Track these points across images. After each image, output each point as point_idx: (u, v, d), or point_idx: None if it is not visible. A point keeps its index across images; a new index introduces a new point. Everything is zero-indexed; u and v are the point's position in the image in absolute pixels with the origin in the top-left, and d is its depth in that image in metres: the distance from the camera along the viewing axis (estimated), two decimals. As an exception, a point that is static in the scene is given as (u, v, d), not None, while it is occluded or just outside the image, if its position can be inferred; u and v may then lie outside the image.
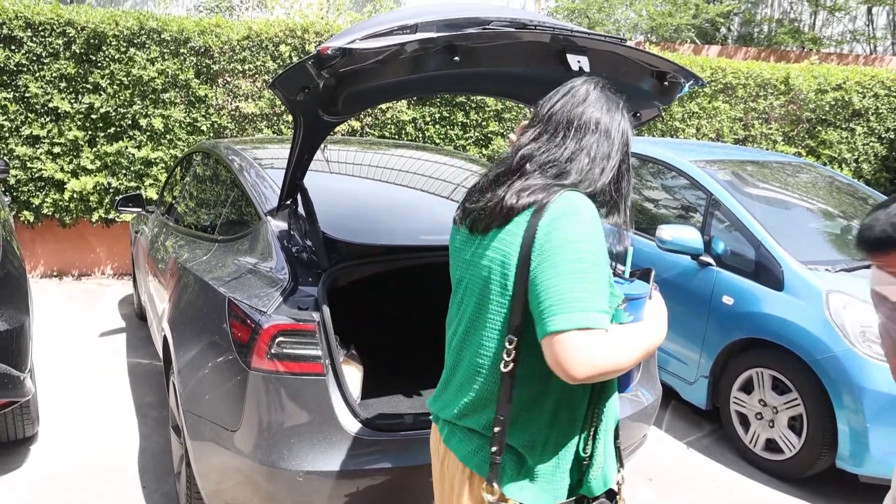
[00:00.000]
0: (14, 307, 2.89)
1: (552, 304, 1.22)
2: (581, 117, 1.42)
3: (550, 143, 1.42)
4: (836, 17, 13.36)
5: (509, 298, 1.33)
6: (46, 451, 3.30)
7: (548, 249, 1.26)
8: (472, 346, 1.42)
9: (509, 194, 1.36)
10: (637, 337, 1.36)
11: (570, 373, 1.20)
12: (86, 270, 6.64)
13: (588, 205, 1.32)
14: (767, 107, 7.55)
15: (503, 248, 1.34)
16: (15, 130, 5.88)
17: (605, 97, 1.46)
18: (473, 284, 1.42)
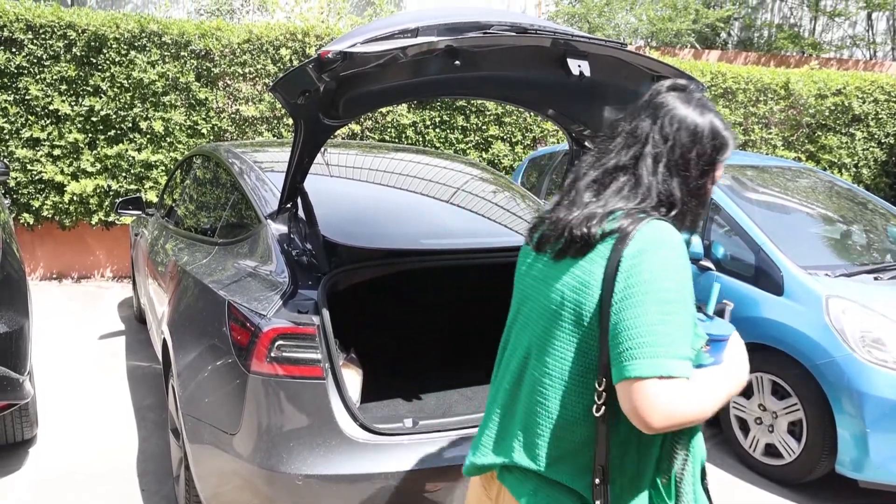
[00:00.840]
0: (13, 310, 2.89)
1: (632, 347, 1.12)
2: (655, 127, 1.28)
3: (619, 158, 1.29)
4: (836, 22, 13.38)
5: (585, 332, 1.22)
6: (45, 453, 3.30)
7: (632, 285, 1.15)
8: (539, 380, 1.28)
9: (576, 220, 1.24)
10: (720, 383, 1.25)
11: (647, 422, 1.11)
12: (85, 273, 6.64)
13: (675, 236, 1.20)
14: (767, 111, 7.56)
15: (582, 277, 1.23)
16: (15, 133, 5.89)
17: (683, 100, 1.30)
18: (542, 309, 1.30)
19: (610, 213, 1.23)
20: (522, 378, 1.33)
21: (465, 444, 2.23)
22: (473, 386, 2.88)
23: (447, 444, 2.21)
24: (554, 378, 1.26)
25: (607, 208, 1.24)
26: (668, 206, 1.25)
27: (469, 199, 3.23)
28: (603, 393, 1.20)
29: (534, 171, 5.84)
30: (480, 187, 3.43)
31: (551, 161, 5.63)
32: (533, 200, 3.46)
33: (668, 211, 1.25)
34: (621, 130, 1.31)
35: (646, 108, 1.31)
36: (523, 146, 7.02)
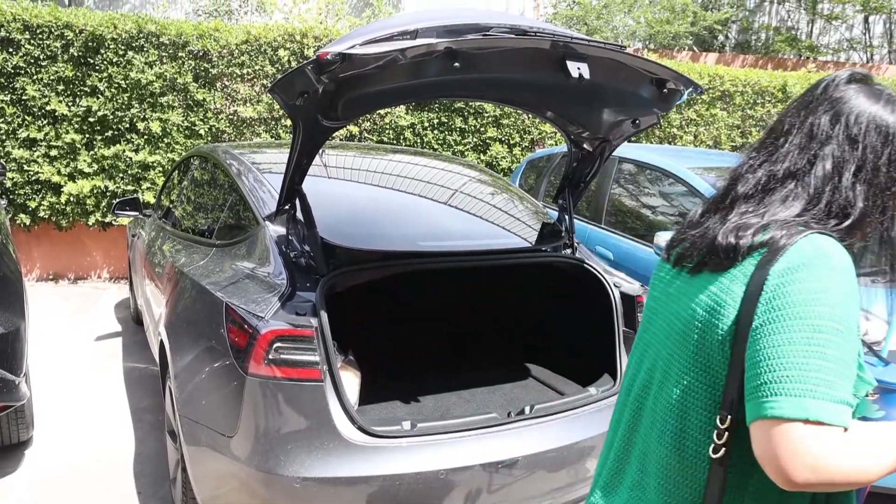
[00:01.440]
0: (9, 311, 2.88)
1: (774, 381, 0.93)
2: (838, 126, 1.08)
3: (793, 162, 1.10)
4: (833, 25, 13.42)
5: (714, 359, 1.05)
6: (41, 455, 3.28)
7: (779, 307, 0.96)
8: (658, 413, 1.12)
9: (725, 229, 1.08)
10: (890, 442, 0.97)
11: (786, 475, 0.90)
12: (82, 274, 6.62)
13: (841, 254, 1.00)
14: (765, 114, 7.58)
15: (718, 295, 1.05)
16: (12, 133, 5.87)
17: (869, 95, 1.10)
18: (669, 330, 1.14)
19: (767, 225, 1.05)
20: (642, 409, 1.18)
21: (463, 447, 2.23)
22: (472, 388, 2.88)
23: (446, 447, 2.21)
24: (674, 411, 1.09)
25: (766, 219, 1.06)
26: (841, 216, 1.05)
27: (467, 201, 3.23)
28: (725, 432, 1.01)
29: (532, 172, 5.84)
30: (479, 189, 3.43)
31: (549, 163, 5.63)
32: (531, 202, 3.45)
33: (840, 223, 1.05)
34: (789, 128, 1.12)
35: (821, 102, 1.11)
36: (521, 148, 7.02)
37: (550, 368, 3.10)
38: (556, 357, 3.17)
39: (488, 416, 2.37)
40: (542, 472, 2.32)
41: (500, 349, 3.32)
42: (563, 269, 2.96)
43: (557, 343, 3.23)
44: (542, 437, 2.35)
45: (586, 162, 2.87)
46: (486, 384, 2.93)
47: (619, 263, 4.31)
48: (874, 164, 1.06)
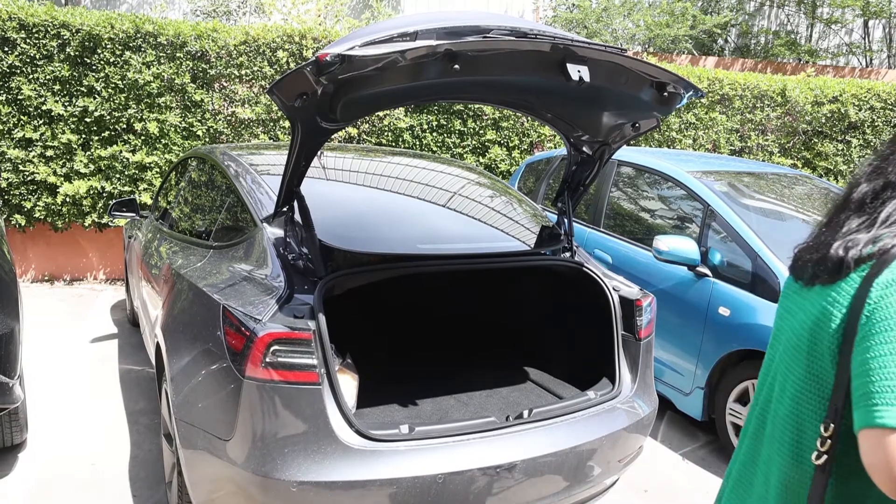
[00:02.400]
0: (3, 312, 2.86)
1: (885, 389, 0.94)
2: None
3: (889, 172, 1.09)
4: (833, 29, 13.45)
5: (823, 370, 1.07)
6: (35, 459, 3.26)
7: (881, 318, 0.98)
8: (776, 426, 1.14)
9: (845, 240, 1.07)
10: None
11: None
12: (78, 275, 6.59)
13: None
14: (764, 118, 7.58)
15: (826, 307, 1.07)
16: (7, 133, 5.84)
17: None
18: (787, 343, 1.16)
19: (876, 239, 1.05)
20: (765, 421, 1.19)
21: (461, 450, 2.21)
22: (470, 391, 2.86)
23: (444, 451, 2.19)
24: (790, 423, 1.10)
25: (874, 232, 1.06)
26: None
27: (466, 204, 3.21)
28: (827, 440, 1.03)
29: (531, 175, 5.83)
30: (478, 192, 3.41)
31: (548, 166, 5.62)
32: (530, 205, 3.44)
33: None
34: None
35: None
36: (520, 151, 7.01)
37: (549, 372, 3.09)
38: (554, 360, 3.16)
39: (487, 419, 2.35)
40: (540, 476, 2.31)
41: (498, 352, 3.31)
42: (562, 273, 2.95)
43: (556, 346, 3.22)
44: (541, 441, 2.34)
45: (586, 165, 2.86)
46: (484, 387, 2.92)
47: (617, 267, 4.30)
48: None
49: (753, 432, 1.22)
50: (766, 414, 1.19)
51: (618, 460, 2.58)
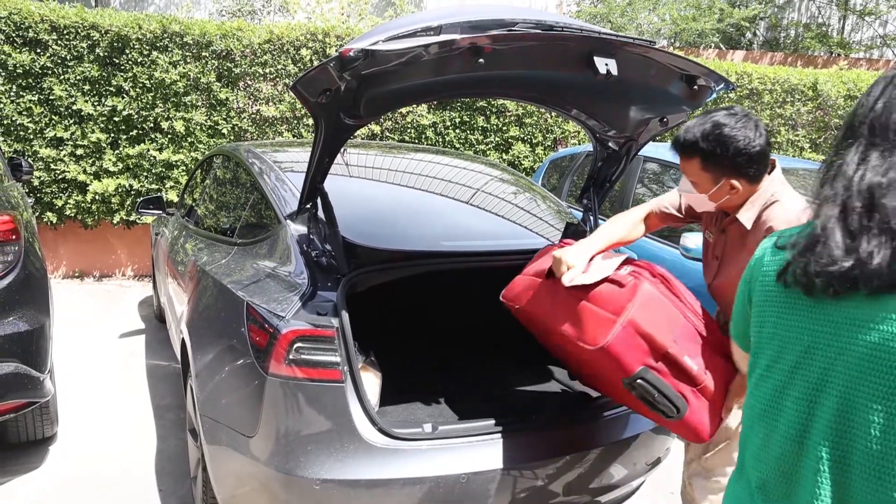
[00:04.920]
0: (35, 308, 2.90)
1: None
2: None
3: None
4: (867, 21, 13.13)
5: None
6: (65, 451, 3.31)
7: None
8: (869, 458, 0.97)
9: (880, 251, 0.95)
10: None
11: None
12: (107, 271, 6.69)
13: None
14: (794, 113, 7.43)
15: (887, 329, 0.95)
16: (39, 132, 5.95)
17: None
18: (848, 363, 0.99)
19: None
20: (848, 458, 1.00)
21: (485, 450, 2.19)
22: (493, 390, 2.83)
23: (467, 451, 2.17)
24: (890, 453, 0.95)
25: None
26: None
27: (490, 201, 3.19)
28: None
29: (555, 172, 5.78)
30: (501, 188, 3.38)
31: (572, 163, 5.57)
32: (555, 202, 3.40)
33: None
34: (860, 122, 1.04)
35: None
36: (544, 147, 6.96)
37: (574, 371, 3.05)
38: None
39: (510, 419, 2.33)
40: (565, 478, 2.28)
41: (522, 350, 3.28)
42: None
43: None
44: (566, 442, 2.31)
45: (612, 161, 2.81)
46: (507, 386, 2.89)
47: (643, 264, 4.24)
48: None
49: (827, 468, 1.02)
50: (847, 449, 1.00)
51: (645, 462, 2.54)
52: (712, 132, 1.87)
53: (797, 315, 1.07)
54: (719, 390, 1.92)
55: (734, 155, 1.87)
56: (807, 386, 1.04)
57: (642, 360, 1.88)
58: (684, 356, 1.88)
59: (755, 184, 1.96)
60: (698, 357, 1.90)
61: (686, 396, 1.90)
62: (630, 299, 1.89)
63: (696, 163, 1.93)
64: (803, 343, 1.05)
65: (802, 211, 1.10)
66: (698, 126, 1.92)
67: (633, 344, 1.87)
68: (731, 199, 1.98)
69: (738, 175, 1.92)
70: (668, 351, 1.88)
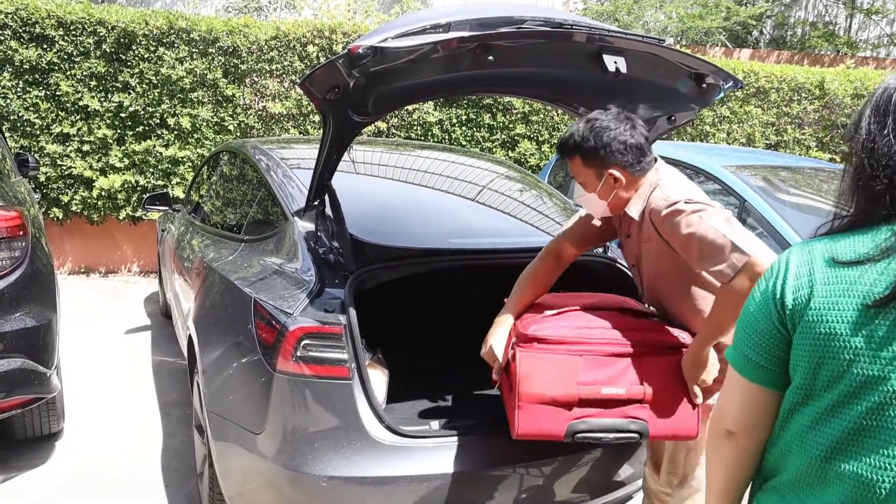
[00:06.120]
0: (42, 304, 2.90)
1: None
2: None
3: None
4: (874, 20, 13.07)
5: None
6: (71, 447, 3.32)
7: None
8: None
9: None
10: None
11: None
12: (113, 267, 6.71)
13: None
14: (801, 111, 7.40)
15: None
16: (45, 128, 5.96)
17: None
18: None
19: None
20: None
21: (492, 448, 2.19)
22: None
23: (474, 448, 2.17)
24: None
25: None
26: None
27: (497, 199, 3.18)
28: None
29: (561, 170, 5.76)
30: (508, 186, 3.38)
31: (579, 160, 5.55)
32: (561, 199, 3.40)
33: None
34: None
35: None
36: (550, 145, 6.95)
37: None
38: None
39: None
40: (572, 476, 2.27)
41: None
42: (594, 268, 2.90)
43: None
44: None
45: (619, 159, 2.80)
46: None
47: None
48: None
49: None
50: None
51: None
52: (586, 127, 1.96)
53: (886, 344, 0.96)
54: (671, 384, 1.90)
55: (608, 143, 1.93)
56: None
57: (564, 420, 1.87)
58: (601, 389, 1.87)
59: (638, 175, 1.97)
60: (621, 377, 1.88)
61: (638, 416, 1.89)
62: (515, 379, 1.90)
63: (578, 161, 1.99)
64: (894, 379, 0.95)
65: (685, 189, 1.13)
66: (575, 126, 2.00)
67: (543, 415, 1.87)
68: (619, 196, 1.99)
69: (618, 165, 1.95)
70: (580, 398, 1.86)
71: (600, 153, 1.94)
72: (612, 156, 1.94)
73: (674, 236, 1.85)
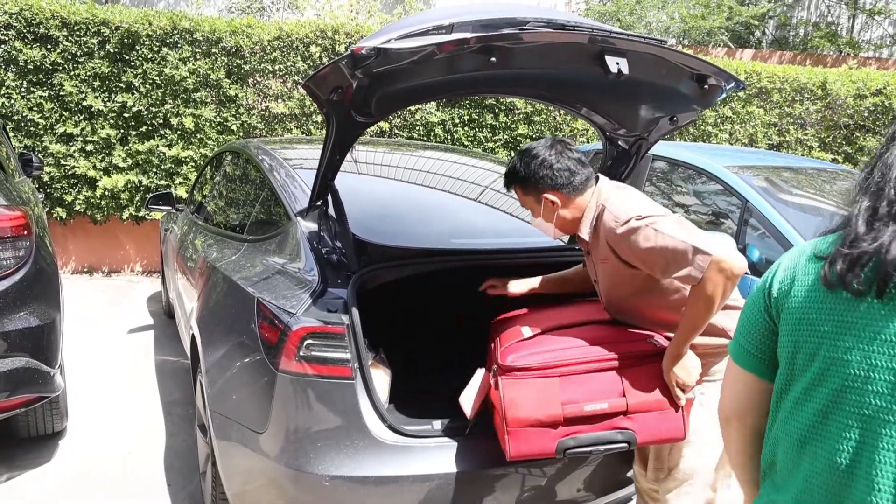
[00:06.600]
0: (45, 303, 2.91)
1: None
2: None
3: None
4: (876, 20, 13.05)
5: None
6: (74, 447, 3.33)
7: None
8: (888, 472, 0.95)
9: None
10: None
11: None
12: (116, 267, 6.72)
13: None
14: (803, 112, 7.39)
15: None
16: (49, 128, 5.98)
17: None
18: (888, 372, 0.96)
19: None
20: (855, 472, 0.99)
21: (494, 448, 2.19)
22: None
23: (477, 448, 2.18)
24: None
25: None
26: None
27: (499, 199, 3.19)
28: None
29: (563, 170, 5.77)
30: (510, 186, 3.38)
31: (581, 160, 5.55)
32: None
33: None
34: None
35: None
36: (552, 145, 6.95)
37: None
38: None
39: None
40: (576, 473, 2.28)
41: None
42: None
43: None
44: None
45: (621, 160, 2.81)
46: None
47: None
48: None
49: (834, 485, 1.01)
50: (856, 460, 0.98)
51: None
52: (519, 159, 2.11)
53: (848, 329, 1.00)
54: (653, 390, 1.95)
55: (537, 170, 2.06)
56: (855, 408, 0.98)
57: (553, 439, 1.93)
58: (584, 407, 1.92)
59: (573, 195, 2.08)
60: (602, 391, 1.94)
61: (625, 426, 1.94)
62: (502, 406, 1.96)
63: (519, 191, 2.14)
64: (853, 362, 0.98)
65: (632, 204, 1.27)
66: (511, 160, 2.15)
67: (531, 437, 1.93)
68: (563, 218, 2.10)
69: (551, 189, 2.07)
70: (565, 417, 1.91)
71: (531, 180, 2.08)
72: (543, 181, 2.07)
73: (634, 254, 1.93)
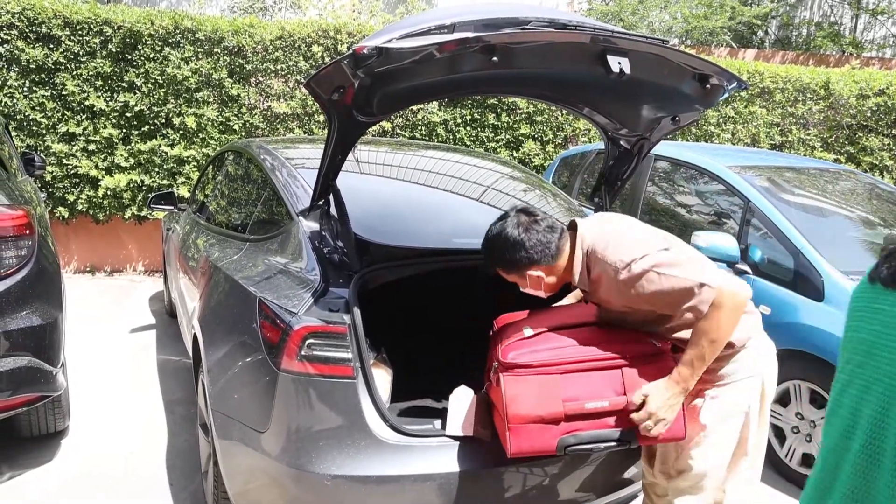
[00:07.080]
0: (48, 303, 2.92)
1: None
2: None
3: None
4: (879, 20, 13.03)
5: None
6: (76, 446, 3.33)
7: None
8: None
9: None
10: None
11: None
12: (118, 266, 6.73)
13: None
14: (806, 112, 7.38)
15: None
16: (52, 128, 5.99)
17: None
18: (879, 370, 1.03)
19: None
20: (881, 455, 1.02)
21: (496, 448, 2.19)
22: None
23: (478, 447, 2.18)
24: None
25: None
26: None
27: (501, 198, 3.18)
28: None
29: (565, 170, 5.77)
30: (512, 186, 3.38)
31: (583, 160, 5.56)
32: (566, 200, 3.40)
33: None
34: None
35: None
36: (554, 145, 6.95)
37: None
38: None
39: None
40: (578, 473, 2.28)
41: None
42: None
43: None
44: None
45: (623, 160, 2.81)
46: None
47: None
48: None
49: (863, 470, 1.04)
50: (881, 446, 1.02)
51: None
52: (489, 247, 2.10)
53: (874, 316, 1.07)
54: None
55: (511, 255, 2.04)
56: (862, 383, 1.06)
57: (554, 436, 1.93)
58: (585, 405, 1.93)
59: (553, 261, 2.05)
60: (603, 390, 1.94)
61: (625, 425, 1.95)
62: (503, 404, 1.96)
63: (502, 273, 2.13)
64: (867, 343, 1.06)
65: (622, 244, 1.36)
66: (484, 247, 2.14)
67: (532, 434, 1.93)
68: (551, 282, 2.09)
69: (530, 266, 2.05)
70: (566, 414, 1.92)
71: (509, 266, 2.08)
72: (521, 262, 2.04)
73: (640, 297, 1.93)
